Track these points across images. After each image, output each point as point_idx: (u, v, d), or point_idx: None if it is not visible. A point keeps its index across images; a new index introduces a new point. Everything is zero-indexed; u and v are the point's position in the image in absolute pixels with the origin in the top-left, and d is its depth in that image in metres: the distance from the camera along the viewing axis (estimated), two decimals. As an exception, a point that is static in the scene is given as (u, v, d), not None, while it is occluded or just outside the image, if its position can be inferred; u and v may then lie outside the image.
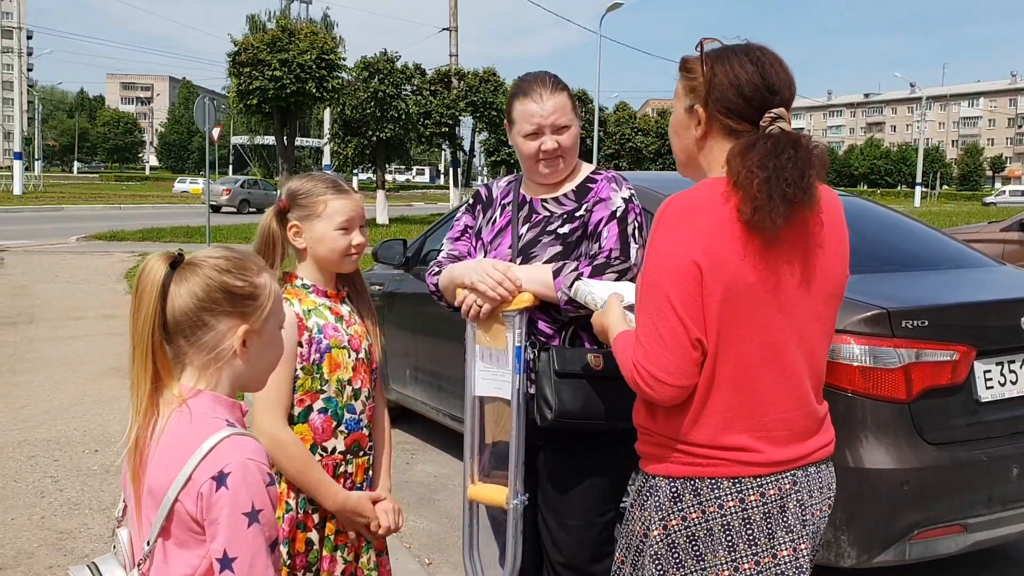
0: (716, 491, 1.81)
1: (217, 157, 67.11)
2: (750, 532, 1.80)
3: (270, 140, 56.64)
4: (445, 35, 33.02)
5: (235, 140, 79.82)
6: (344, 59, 26.78)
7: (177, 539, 1.50)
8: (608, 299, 2.10)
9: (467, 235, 2.76)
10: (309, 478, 2.17)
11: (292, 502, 2.19)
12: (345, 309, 2.33)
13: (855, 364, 3.12)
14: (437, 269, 2.68)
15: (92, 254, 18.22)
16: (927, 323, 3.16)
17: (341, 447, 2.25)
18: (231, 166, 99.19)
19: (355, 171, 42.01)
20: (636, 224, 2.52)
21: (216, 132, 28.63)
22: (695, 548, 1.81)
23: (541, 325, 2.51)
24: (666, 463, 1.85)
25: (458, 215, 2.84)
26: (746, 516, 1.80)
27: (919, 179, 62.78)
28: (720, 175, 1.80)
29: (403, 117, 28.33)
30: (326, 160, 39.72)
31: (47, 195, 45.45)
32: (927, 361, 3.15)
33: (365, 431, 2.31)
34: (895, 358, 3.11)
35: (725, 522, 1.80)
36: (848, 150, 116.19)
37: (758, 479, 1.81)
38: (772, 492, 1.82)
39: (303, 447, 2.18)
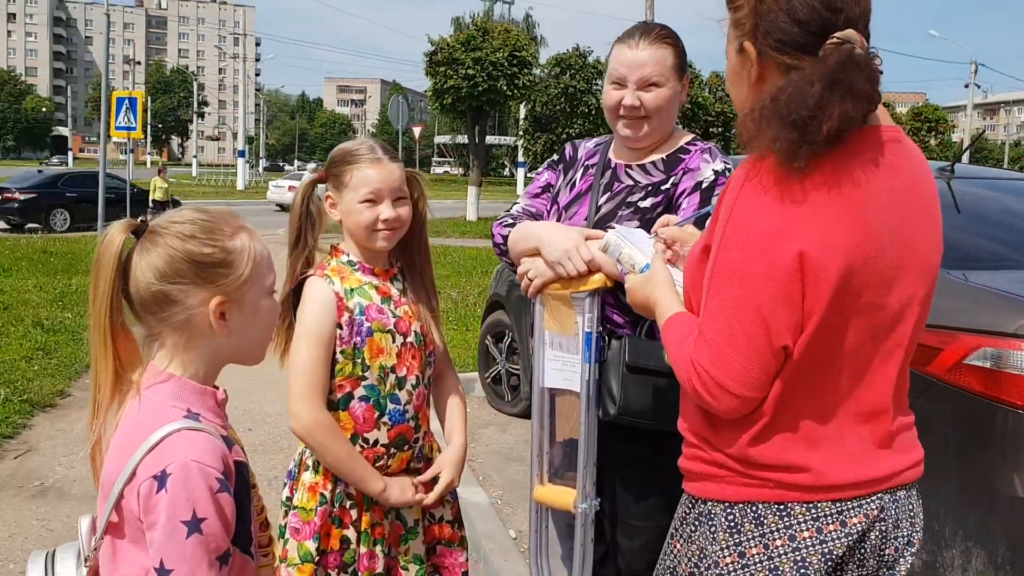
0: (787, 519, 1.47)
1: (419, 156, 69.91)
2: (831, 568, 1.48)
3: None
4: (640, 30, 32.62)
5: (439, 140, 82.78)
6: (536, 56, 26.98)
7: (130, 536, 1.37)
8: (654, 263, 1.76)
9: (547, 193, 2.50)
10: (350, 469, 2.02)
11: (328, 494, 2.05)
12: (396, 288, 2.15)
13: (1028, 375, 2.63)
14: (510, 221, 2.42)
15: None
16: (1123, 329, 2.61)
17: (384, 440, 2.08)
18: (432, 165, 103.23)
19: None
20: None
21: (418, 131, 29.59)
22: None
23: (612, 314, 2.23)
24: (721, 483, 1.52)
25: (540, 170, 2.59)
26: (826, 550, 1.47)
27: None
28: None
29: (593, 112, 28.21)
30: (520, 158, 40.26)
31: (267, 190, 48.88)
32: (1122, 375, 2.61)
33: (411, 423, 2.12)
34: (1080, 369, 2.59)
35: (799, 558, 1.47)
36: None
37: (836, 503, 1.48)
38: (856, 520, 1.48)
39: (342, 434, 2.04)
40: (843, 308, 1.42)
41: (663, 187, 2.27)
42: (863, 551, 1.50)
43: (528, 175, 42.73)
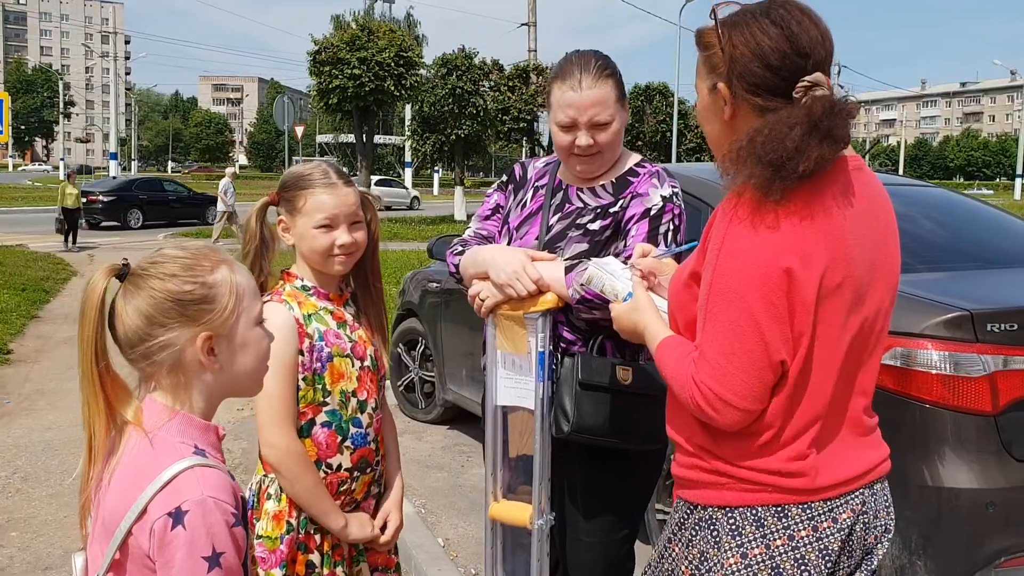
0: (784, 520, 1.58)
1: (302, 155, 68.57)
2: (829, 565, 1.59)
3: (353, 138, 57.63)
4: (524, 31, 32.88)
5: (320, 139, 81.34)
6: (422, 56, 26.88)
7: (132, 574, 1.34)
8: (636, 291, 1.85)
9: (498, 214, 2.53)
10: (317, 501, 2.02)
11: (294, 521, 2.02)
12: (349, 312, 2.14)
13: (934, 372, 2.82)
14: (461, 248, 2.45)
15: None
16: (1016, 326, 2.83)
17: (347, 464, 2.07)
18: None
19: (435, 168, 42.10)
20: (671, 226, 2.26)
21: (300, 130, 29.12)
22: None
23: (563, 331, 2.29)
24: (721, 490, 1.61)
25: (490, 192, 2.61)
26: (823, 546, 1.58)
27: (1020, 171, 60.00)
28: None
29: (481, 113, 28.26)
30: (407, 158, 39.99)
31: (141, 194, 46.94)
32: (1016, 369, 2.83)
33: (372, 446, 2.12)
34: (979, 365, 2.80)
35: (799, 555, 1.57)
36: (943, 141, 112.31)
37: (828, 502, 1.59)
38: (845, 516, 1.60)
39: (312, 465, 2.02)
40: (828, 322, 1.53)
41: (611, 210, 2.31)
42: (851, 544, 1.62)
43: (416, 175, 42.50)
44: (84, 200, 24.24)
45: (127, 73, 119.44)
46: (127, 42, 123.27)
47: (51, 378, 7.23)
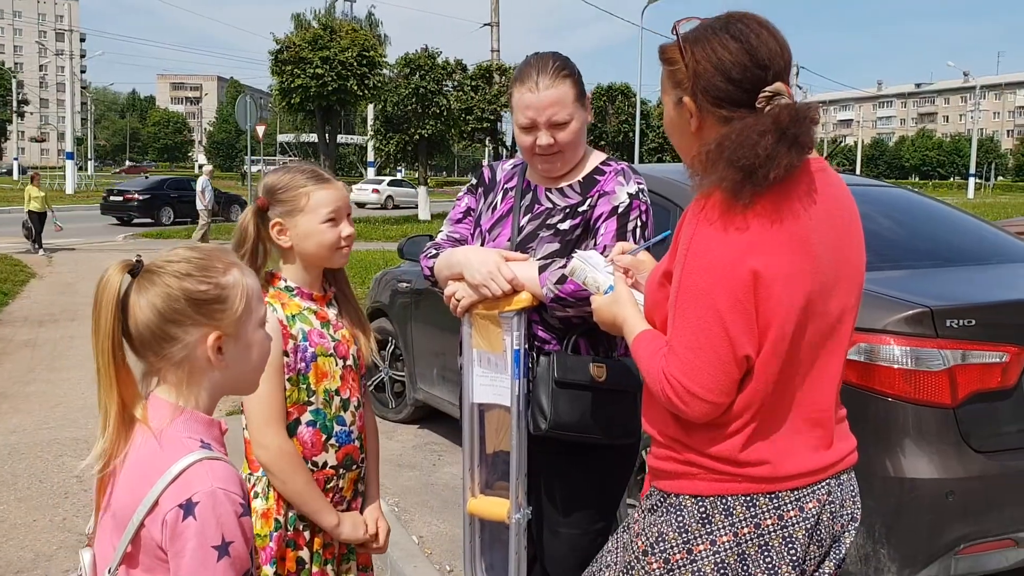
0: (752, 509, 1.64)
1: (263, 155, 67.81)
2: (793, 552, 1.65)
3: (315, 138, 57.19)
4: (487, 31, 32.91)
5: (281, 138, 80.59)
6: (385, 56, 26.85)
7: (144, 566, 1.39)
8: (617, 285, 1.90)
9: (470, 217, 2.57)
10: (310, 499, 2.05)
11: (282, 519, 2.05)
12: (332, 313, 2.17)
13: (896, 366, 2.92)
14: (435, 251, 2.49)
15: (138, 252, 18.36)
16: (974, 322, 2.94)
17: (333, 461, 2.11)
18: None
19: (398, 168, 41.96)
20: (638, 223, 2.32)
21: (261, 130, 28.98)
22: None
23: (537, 330, 2.34)
24: (693, 480, 1.68)
25: (460, 195, 2.65)
26: (787, 534, 1.64)
27: (973, 170, 61.43)
28: None
29: (444, 113, 28.29)
30: (370, 157, 39.85)
31: (98, 194, 46.26)
32: (974, 363, 2.94)
33: (357, 443, 2.16)
34: (939, 360, 2.90)
35: (763, 542, 1.64)
36: (899, 142, 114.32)
37: (795, 492, 1.65)
38: (811, 505, 1.66)
39: (303, 464, 2.05)
40: (793, 318, 1.59)
41: (580, 209, 2.36)
42: (820, 532, 1.68)
43: (379, 174, 42.30)
44: (120, 198, 25.70)
45: (83, 71, 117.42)
46: (82, 40, 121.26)
47: (13, 381, 7.12)
